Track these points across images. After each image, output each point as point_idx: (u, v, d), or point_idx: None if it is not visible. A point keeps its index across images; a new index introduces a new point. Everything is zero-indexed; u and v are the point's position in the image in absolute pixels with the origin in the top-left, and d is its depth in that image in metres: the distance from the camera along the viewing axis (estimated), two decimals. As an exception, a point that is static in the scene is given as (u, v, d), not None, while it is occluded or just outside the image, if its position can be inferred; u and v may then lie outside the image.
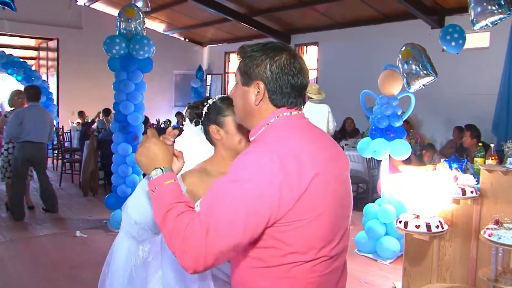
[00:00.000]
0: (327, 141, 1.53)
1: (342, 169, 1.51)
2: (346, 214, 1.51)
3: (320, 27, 11.72)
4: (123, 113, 6.12)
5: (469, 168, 5.17)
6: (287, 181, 1.27)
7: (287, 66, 1.44)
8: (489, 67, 8.29)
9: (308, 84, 1.54)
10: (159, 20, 14.38)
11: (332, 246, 1.42)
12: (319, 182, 1.34)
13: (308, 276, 1.37)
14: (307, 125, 1.49)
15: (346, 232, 1.52)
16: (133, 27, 6.15)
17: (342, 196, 1.47)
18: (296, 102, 1.47)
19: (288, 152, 1.32)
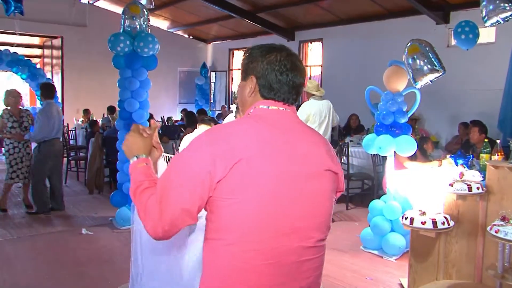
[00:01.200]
0: (303, 138, 1.57)
1: (309, 167, 1.53)
2: (301, 214, 1.49)
3: (325, 24, 11.68)
4: (128, 111, 6.13)
5: (475, 164, 5.15)
6: (217, 157, 1.40)
7: (276, 63, 1.57)
8: (494, 62, 8.24)
9: (302, 83, 1.63)
10: (163, 18, 14.37)
11: (263, 238, 1.43)
12: (241, 170, 1.40)
13: (232, 258, 1.44)
14: (283, 119, 1.57)
15: (299, 234, 1.49)
16: (138, 25, 6.15)
17: (295, 193, 1.48)
18: (284, 98, 1.59)
19: (226, 134, 1.46)
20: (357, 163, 7.68)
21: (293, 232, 1.48)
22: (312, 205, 1.53)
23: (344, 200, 7.28)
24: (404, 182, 5.00)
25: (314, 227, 1.54)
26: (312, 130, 1.66)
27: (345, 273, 4.63)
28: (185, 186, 1.41)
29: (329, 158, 1.59)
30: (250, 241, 1.43)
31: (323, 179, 1.56)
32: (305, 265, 1.53)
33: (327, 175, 1.57)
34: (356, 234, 5.69)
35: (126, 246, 5.37)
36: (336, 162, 1.63)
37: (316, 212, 1.55)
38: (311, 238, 1.54)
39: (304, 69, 1.64)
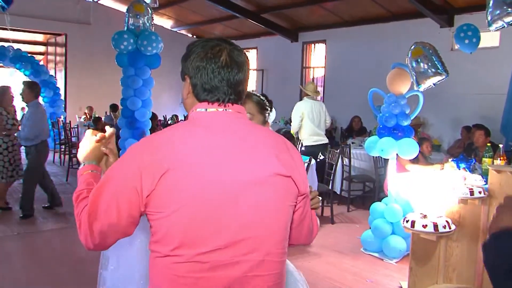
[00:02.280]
0: (246, 142, 1.43)
1: (250, 174, 1.38)
2: (242, 225, 1.37)
3: (328, 25, 11.68)
4: (131, 109, 6.14)
5: (477, 168, 5.13)
6: (144, 170, 1.32)
7: (206, 60, 1.42)
8: (498, 66, 8.23)
9: (241, 79, 1.47)
10: (167, 16, 14.38)
11: (199, 251, 1.34)
12: (169, 181, 1.31)
13: (168, 270, 1.36)
14: (223, 122, 1.44)
15: (243, 247, 1.37)
16: (141, 23, 6.17)
17: (232, 202, 1.35)
18: (219, 98, 1.44)
19: (157, 143, 1.36)
20: (358, 165, 7.67)
21: (234, 244, 1.36)
22: (258, 215, 1.39)
23: (345, 202, 7.28)
24: (406, 185, 4.99)
25: (262, 239, 1.40)
26: (262, 130, 1.50)
27: (345, 275, 4.62)
28: (112, 202, 1.35)
29: (278, 161, 1.41)
30: (186, 254, 1.34)
31: (269, 185, 1.40)
32: (254, 281, 1.40)
33: (275, 180, 1.41)
34: (357, 236, 5.68)
35: (126, 244, 5.38)
36: (289, 164, 1.44)
37: (264, 222, 1.40)
38: (258, 252, 1.39)
39: (243, 63, 1.47)
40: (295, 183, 1.45)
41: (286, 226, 1.47)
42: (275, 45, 13.47)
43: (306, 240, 1.67)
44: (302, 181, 1.48)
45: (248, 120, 1.52)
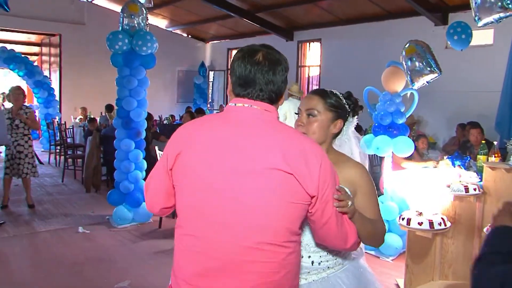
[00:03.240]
0: (256, 135, 1.51)
1: (249, 164, 1.47)
2: (234, 209, 1.48)
3: (323, 24, 11.70)
4: (126, 109, 6.12)
5: (472, 166, 5.15)
6: (169, 150, 1.62)
7: (245, 59, 1.58)
8: (492, 64, 8.26)
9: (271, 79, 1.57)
10: (161, 16, 14.37)
11: (197, 226, 1.54)
12: (181, 161, 1.56)
13: (177, 240, 1.61)
14: (243, 116, 1.57)
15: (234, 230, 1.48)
16: (136, 23, 6.15)
17: (229, 187, 1.48)
18: (249, 93, 1.57)
19: (183, 129, 1.64)
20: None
21: (226, 226, 1.49)
22: (249, 203, 1.47)
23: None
24: (401, 183, 5.01)
25: (252, 227, 1.48)
26: (280, 131, 1.55)
27: (341, 273, 4.63)
28: (154, 176, 1.71)
29: (281, 157, 1.46)
30: (187, 227, 1.56)
31: (263, 177, 1.46)
32: (247, 266, 1.49)
33: (272, 174, 1.46)
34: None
35: (123, 245, 5.37)
36: (296, 164, 1.47)
37: (254, 211, 1.47)
38: (249, 238, 1.48)
39: (277, 63, 1.59)
40: (299, 182, 1.47)
41: (281, 219, 1.49)
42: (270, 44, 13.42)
43: (341, 246, 1.66)
44: (312, 184, 1.48)
45: (272, 119, 1.58)
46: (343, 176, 1.81)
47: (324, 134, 1.93)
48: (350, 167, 1.89)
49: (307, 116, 1.93)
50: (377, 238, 1.84)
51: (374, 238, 1.81)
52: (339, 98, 1.98)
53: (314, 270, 1.88)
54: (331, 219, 1.56)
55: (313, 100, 1.94)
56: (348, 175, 1.85)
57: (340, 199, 1.57)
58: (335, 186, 1.57)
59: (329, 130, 1.94)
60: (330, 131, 1.95)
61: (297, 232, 1.55)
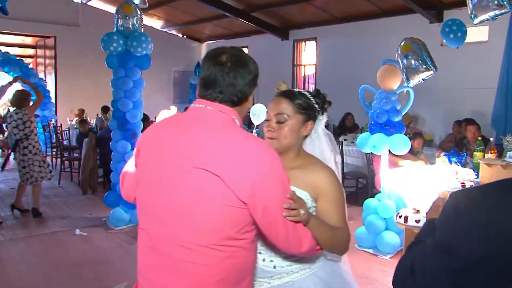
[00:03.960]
0: (186, 133, 1.54)
1: (181, 162, 1.50)
2: (168, 207, 1.52)
3: (319, 23, 11.69)
4: (122, 111, 6.11)
5: (469, 162, 5.17)
6: (135, 148, 1.72)
7: (208, 60, 1.61)
8: (488, 61, 8.28)
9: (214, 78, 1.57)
10: (156, 17, 14.34)
11: (144, 221, 1.61)
12: (140, 158, 1.64)
13: (137, 234, 1.67)
14: (193, 116, 1.60)
15: (170, 228, 1.51)
16: (131, 24, 6.13)
17: (167, 186, 1.53)
18: (207, 95, 1.60)
19: (145, 130, 1.73)
20: (351, 162, 7.69)
21: (165, 223, 1.53)
22: (182, 202, 1.49)
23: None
24: (398, 181, 5.01)
25: (183, 225, 1.49)
26: (228, 131, 1.54)
27: (339, 272, 4.62)
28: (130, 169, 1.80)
29: (213, 158, 1.45)
30: (141, 221, 1.63)
31: (194, 177, 1.47)
32: (180, 265, 1.50)
33: (200, 174, 1.46)
34: (351, 233, 5.68)
35: (120, 246, 5.36)
36: (226, 167, 1.44)
37: (186, 209, 1.49)
38: (181, 236, 1.50)
39: (239, 65, 1.58)
40: (227, 186, 1.44)
41: (211, 221, 1.47)
42: (266, 44, 13.47)
43: (294, 251, 1.62)
44: (243, 190, 1.44)
45: (224, 121, 1.55)
46: (307, 180, 1.81)
47: (296, 138, 1.89)
48: (316, 171, 1.85)
49: (277, 121, 1.87)
50: (338, 246, 1.79)
51: (334, 245, 1.77)
52: (308, 98, 1.93)
53: (277, 274, 1.83)
54: (279, 226, 1.52)
55: (282, 103, 1.88)
56: (312, 179, 1.82)
57: (291, 208, 1.51)
58: (284, 194, 1.52)
59: (300, 133, 1.90)
60: (301, 133, 1.91)
61: (234, 237, 1.50)
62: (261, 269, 1.83)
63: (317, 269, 1.90)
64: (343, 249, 1.82)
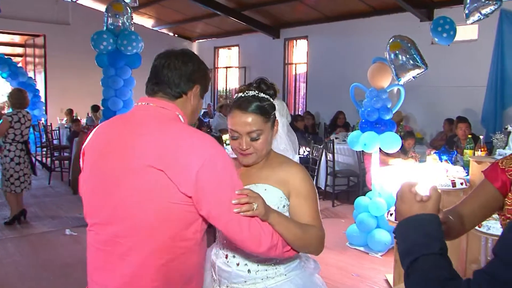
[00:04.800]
0: (130, 132, 1.54)
1: (125, 160, 1.49)
2: (113, 206, 1.50)
3: (310, 21, 11.69)
4: (112, 110, 6.08)
5: (459, 160, 5.19)
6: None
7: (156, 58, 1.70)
8: (477, 59, 8.32)
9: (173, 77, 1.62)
10: (147, 16, 14.28)
11: (94, 221, 1.58)
12: (85, 160, 1.63)
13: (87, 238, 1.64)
14: (125, 115, 1.65)
15: (120, 225, 1.49)
16: (121, 23, 6.10)
17: (109, 185, 1.51)
18: (147, 92, 1.66)
19: (93, 131, 1.70)
20: (342, 160, 7.70)
21: (109, 224, 1.51)
22: (128, 202, 1.47)
23: (330, 197, 7.30)
24: (389, 179, 5.02)
25: (130, 226, 1.47)
26: (169, 126, 1.53)
27: (331, 270, 4.64)
28: None
29: (156, 153, 1.44)
30: (88, 221, 1.61)
31: (140, 175, 1.45)
32: (129, 267, 1.49)
33: (146, 171, 1.44)
34: (342, 231, 5.70)
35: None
36: (168, 161, 1.43)
37: (133, 210, 1.47)
38: (129, 237, 1.47)
39: (183, 63, 1.62)
40: (171, 180, 1.42)
41: (157, 219, 1.45)
42: (257, 42, 13.46)
43: (254, 249, 1.54)
44: (186, 183, 1.42)
45: (165, 116, 1.56)
46: (278, 178, 1.80)
47: (269, 144, 1.86)
48: (286, 168, 1.82)
49: (251, 139, 1.77)
50: (310, 244, 1.70)
51: (306, 243, 1.68)
52: (267, 100, 1.83)
53: (251, 279, 1.79)
54: (232, 223, 1.47)
55: (250, 120, 1.76)
56: (283, 176, 1.80)
57: (242, 203, 1.46)
58: (233, 189, 1.47)
59: (272, 136, 1.86)
60: (272, 136, 1.88)
61: (179, 237, 1.48)
62: (236, 274, 1.80)
63: (294, 277, 1.84)
64: (317, 247, 1.73)
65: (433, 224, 1.18)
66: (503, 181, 1.54)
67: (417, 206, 1.21)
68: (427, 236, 1.15)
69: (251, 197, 1.49)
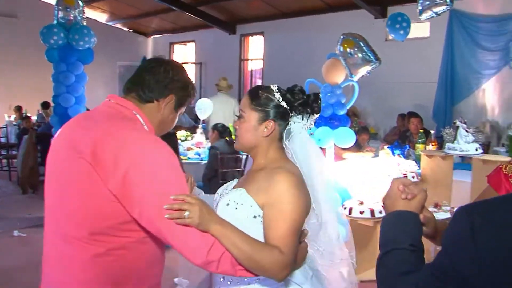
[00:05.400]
0: (80, 126, 1.55)
1: (70, 152, 1.47)
2: (56, 198, 1.52)
3: (266, 17, 11.72)
4: (63, 106, 5.91)
5: (411, 154, 5.31)
6: None
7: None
8: (429, 56, 8.54)
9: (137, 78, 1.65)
10: (101, 10, 13.94)
11: (46, 215, 1.57)
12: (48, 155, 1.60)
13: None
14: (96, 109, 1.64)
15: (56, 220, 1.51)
16: (72, 16, 5.93)
17: (54, 173, 1.53)
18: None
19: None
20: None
21: (52, 217, 1.53)
22: (64, 195, 1.48)
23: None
24: (344, 173, 5.08)
25: (65, 219, 1.47)
26: (117, 122, 1.51)
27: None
28: None
29: (91, 147, 1.41)
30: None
31: (73, 168, 1.44)
32: (65, 260, 1.47)
33: (79, 163, 1.42)
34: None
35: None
36: (102, 155, 1.40)
37: (67, 203, 1.47)
38: (63, 229, 1.47)
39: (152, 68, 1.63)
40: (99, 176, 1.39)
41: (81, 212, 1.43)
42: (212, 38, 13.38)
43: (192, 260, 1.42)
44: (113, 181, 1.38)
45: (119, 113, 1.55)
46: (260, 185, 1.63)
47: (253, 138, 1.71)
48: (271, 175, 1.62)
49: (238, 117, 1.75)
50: (260, 266, 1.47)
51: (256, 266, 1.47)
52: (271, 94, 1.71)
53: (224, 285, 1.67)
54: (164, 230, 1.40)
55: (244, 100, 1.75)
56: (265, 184, 1.61)
57: (174, 209, 1.36)
58: (167, 193, 1.39)
59: (258, 133, 1.70)
60: (259, 134, 1.70)
61: (108, 232, 1.43)
62: (215, 280, 1.70)
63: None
64: (274, 273, 1.50)
65: (411, 221, 1.23)
66: (507, 189, 1.51)
67: (401, 203, 1.26)
68: (402, 232, 1.19)
69: (186, 204, 1.38)
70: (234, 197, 1.64)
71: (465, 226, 0.95)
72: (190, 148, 6.91)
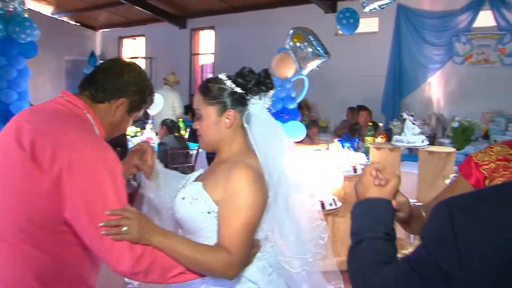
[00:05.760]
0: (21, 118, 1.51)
1: (10, 145, 1.42)
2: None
3: (216, 11, 11.63)
4: (5, 102, 5.67)
5: (361, 147, 5.41)
6: None
7: None
8: (377, 50, 8.70)
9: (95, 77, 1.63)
10: (45, 2, 13.46)
11: None
12: None
13: None
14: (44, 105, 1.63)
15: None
16: (12, 8, 5.68)
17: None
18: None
19: None
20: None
21: None
22: (2, 190, 1.43)
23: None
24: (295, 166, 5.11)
25: (2, 215, 1.42)
26: (62, 118, 1.49)
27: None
28: None
29: (30, 139, 1.38)
30: None
31: (8, 155, 1.42)
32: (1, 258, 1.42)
33: (16, 153, 1.39)
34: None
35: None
36: (39, 148, 1.36)
37: (2, 198, 1.42)
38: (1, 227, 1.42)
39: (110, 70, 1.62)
40: (33, 169, 1.36)
41: (15, 207, 1.40)
42: (163, 32, 13.17)
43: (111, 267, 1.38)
44: (49, 177, 1.34)
45: (67, 110, 1.52)
46: (217, 179, 1.60)
47: (216, 133, 1.65)
48: (229, 169, 1.58)
49: (196, 118, 1.69)
50: (207, 269, 1.48)
51: (203, 268, 1.48)
52: (221, 83, 1.67)
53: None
54: (95, 241, 1.37)
55: (195, 98, 1.70)
56: (221, 177, 1.58)
57: (111, 225, 1.33)
58: (100, 200, 1.35)
59: (220, 126, 1.65)
60: (222, 126, 1.65)
61: (35, 230, 1.38)
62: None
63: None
64: (222, 273, 1.49)
65: (383, 208, 1.18)
66: (477, 177, 1.52)
67: (374, 190, 1.22)
68: (374, 220, 1.15)
69: (123, 219, 1.34)
70: (190, 191, 1.62)
71: (445, 221, 0.94)
72: (140, 144, 6.78)
